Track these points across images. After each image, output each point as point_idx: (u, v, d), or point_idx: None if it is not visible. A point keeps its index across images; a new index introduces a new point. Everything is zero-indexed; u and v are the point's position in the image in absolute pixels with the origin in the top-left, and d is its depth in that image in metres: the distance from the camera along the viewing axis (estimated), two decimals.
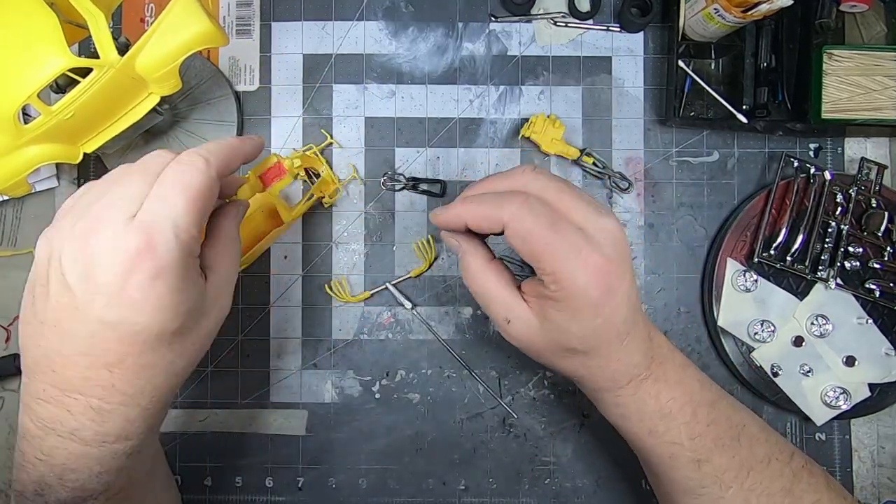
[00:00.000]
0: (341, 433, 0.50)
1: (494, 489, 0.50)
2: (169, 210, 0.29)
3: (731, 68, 0.51)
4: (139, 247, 0.28)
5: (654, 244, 0.51)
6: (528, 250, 0.33)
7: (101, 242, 0.28)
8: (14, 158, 0.39)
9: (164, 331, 0.30)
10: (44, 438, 0.31)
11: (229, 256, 0.36)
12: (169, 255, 0.29)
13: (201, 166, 0.31)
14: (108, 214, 0.29)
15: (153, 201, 0.29)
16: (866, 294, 0.48)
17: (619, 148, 0.51)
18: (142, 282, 0.28)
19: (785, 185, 0.49)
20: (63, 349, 0.30)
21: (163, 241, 0.28)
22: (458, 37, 0.52)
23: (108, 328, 0.29)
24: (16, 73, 0.36)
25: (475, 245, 0.37)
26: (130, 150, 0.50)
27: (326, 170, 0.50)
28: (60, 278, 0.29)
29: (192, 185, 0.30)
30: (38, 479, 0.32)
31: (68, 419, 0.31)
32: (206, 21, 0.39)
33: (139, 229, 0.28)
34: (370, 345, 0.51)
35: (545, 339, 0.36)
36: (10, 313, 0.51)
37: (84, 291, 0.28)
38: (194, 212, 0.30)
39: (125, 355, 0.30)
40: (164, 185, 0.30)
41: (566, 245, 0.32)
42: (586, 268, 0.32)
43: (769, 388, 0.49)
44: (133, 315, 0.29)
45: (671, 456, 0.38)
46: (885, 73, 0.47)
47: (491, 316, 0.37)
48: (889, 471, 0.50)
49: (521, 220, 0.32)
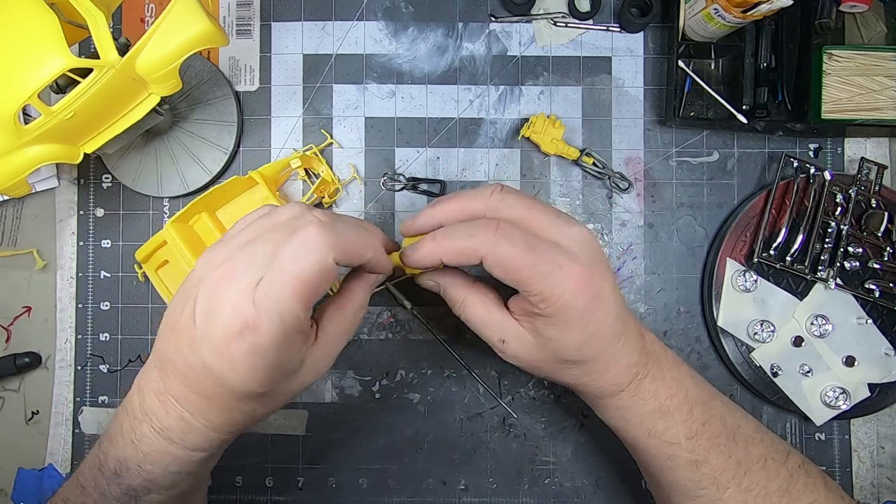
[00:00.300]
0: (341, 433, 0.50)
1: (494, 489, 0.50)
2: (274, 304, 0.30)
3: (731, 68, 0.51)
4: (247, 321, 0.29)
5: (654, 244, 0.51)
6: (510, 277, 0.34)
7: (227, 297, 0.30)
8: (14, 158, 0.39)
9: (251, 392, 0.32)
10: (140, 423, 0.34)
11: (348, 324, 0.36)
12: (270, 336, 0.30)
13: (324, 254, 0.31)
14: (240, 273, 0.30)
15: (266, 284, 0.30)
16: (866, 294, 0.48)
17: (618, 148, 0.51)
18: (242, 350, 0.30)
19: (785, 185, 0.49)
20: (177, 362, 0.32)
21: (268, 324, 0.30)
22: (458, 37, 0.52)
23: (207, 370, 0.31)
24: (16, 74, 0.36)
25: (453, 278, 0.39)
26: (131, 150, 0.50)
27: (326, 170, 0.50)
28: (191, 309, 0.31)
29: (305, 276, 0.30)
30: (122, 458, 0.34)
31: (164, 417, 0.33)
32: (206, 21, 0.39)
33: (253, 304, 0.30)
34: (370, 345, 0.51)
35: (542, 354, 0.37)
36: (10, 313, 0.51)
37: (201, 330, 0.31)
38: (302, 301, 0.30)
39: (215, 395, 0.32)
40: (282, 269, 0.30)
41: (547, 264, 0.33)
42: (570, 281, 0.33)
43: (769, 388, 0.49)
44: (228, 372, 0.31)
45: (670, 457, 0.38)
46: (885, 73, 0.47)
47: (486, 340, 0.38)
48: (889, 471, 0.50)
49: (498, 249, 0.33)
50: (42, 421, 0.51)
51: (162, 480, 0.35)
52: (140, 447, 0.34)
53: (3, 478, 0.51)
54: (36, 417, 0.51)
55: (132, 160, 0.50)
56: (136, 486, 0.34)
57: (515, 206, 0.35)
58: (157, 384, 0.34)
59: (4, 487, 0.51)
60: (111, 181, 0.51)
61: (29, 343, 0.51)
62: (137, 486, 0.34)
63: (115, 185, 0.51)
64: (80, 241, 0.51)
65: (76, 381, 0.51)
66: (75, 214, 0.51)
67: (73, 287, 0.51)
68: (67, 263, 0.51)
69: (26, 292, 0.51)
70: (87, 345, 0.51)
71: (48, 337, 0.51)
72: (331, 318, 0.36)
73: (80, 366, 0.51)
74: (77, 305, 0.51)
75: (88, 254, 0.51)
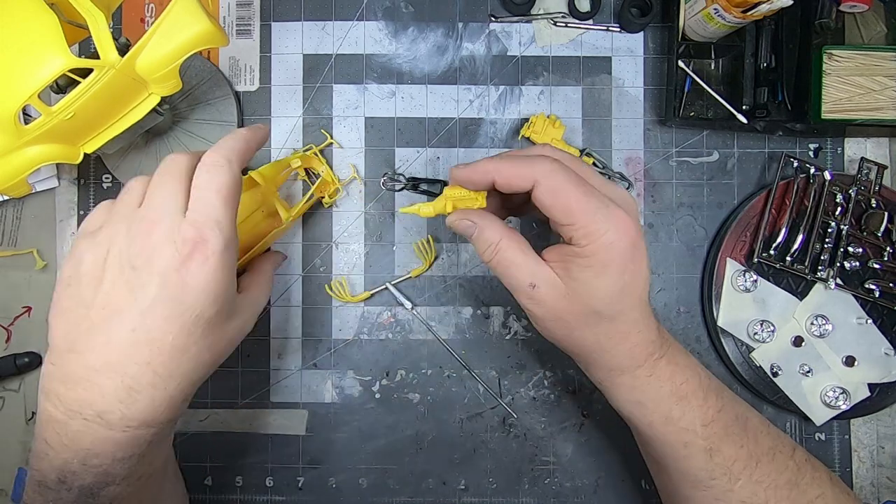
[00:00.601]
0: (341, 433, 0.50)
1: (494, 489, 0.50)
2: (210, 209, 0.34)
3: (731, 68, 0.51)
4: (195, 239, 0.33)
5: (654, 244, 0.51)
6: (559, 205, 0.34)
7: (160, 236, 0.33)
8: (14, 159, 0.39)
9: (202, 315, 0.34)
10: (68, 423, 0.33)
11: (260, 288, 0.42)
12: (216, 244, 0.33)
13: (226, 167, 0.35)
14: (159, 216, 0.34)
15: (196, 203, 0.34)
16: (866, 294, 0.48)
17: (618, 148, 0.51)
18: (193, 267, 0.33)
19: (785, 185, 0.49)
20: (109, 328, 0.33)
21: (210, 234, 0.33)
22: (458, 37, 0.52)
23: (158, 306, 0.33)
24: (16, 74, 0.36)
25: (490, 219, 0.38)
26: (131, 150, 0.50)
27: (326, 170, 0.50)
28: (119, 268, 0.34)
29: (223, 186, 0.35)
30: (60, 466, 0.34)
31: (97, 401, 0.33)
32: (206, 21, 0.39)
33: (191, 225, 0.33)
34: (370, 345, 0.51)
35: (571, 303, 0.36)
36: (10, 313, 0.51)
37: (142, 276, 0.33)
38: (229, 207, 0.35)
39: (167, 333, 0.33)
40: (201, 189, 0.35)
41: (595, 200, 0.34)
42: (615, 220, 0.34)
43: (769, 388, 0.49)
44: (182, 295, 0.33)
45: (686, 444, 0.38)
46: (885, 73, 0.47)
47: (514, 285, 0.37)
48: (888, 471, 0.50)
49: (554, 176, 0.34)
50: None
51: (113, 470, 0.34)
52: (78, 446, 0.33)
53: (3, 478, 0.51)
54: (36, 417, 0.51)
55: (132, 160, 0.50)
56: (87, 484, 0.34)
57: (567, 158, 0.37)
58: (79, 369, 0.33)
59: (4, 487, 0.51)
60: (111, 181, 0.51)
61: (29, 343, 0.51)
62: (90, 484, 0.34)
63: (116, 185, 0.51)
64: None
65: None
66: (75, 214, 0.51)
67: None
68: None
69: (26, 292, 0.51)
70: None
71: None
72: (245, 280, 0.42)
73: None
74: None
75: None
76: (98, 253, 0.35)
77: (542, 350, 0.51)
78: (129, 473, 0.35)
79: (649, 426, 0.39)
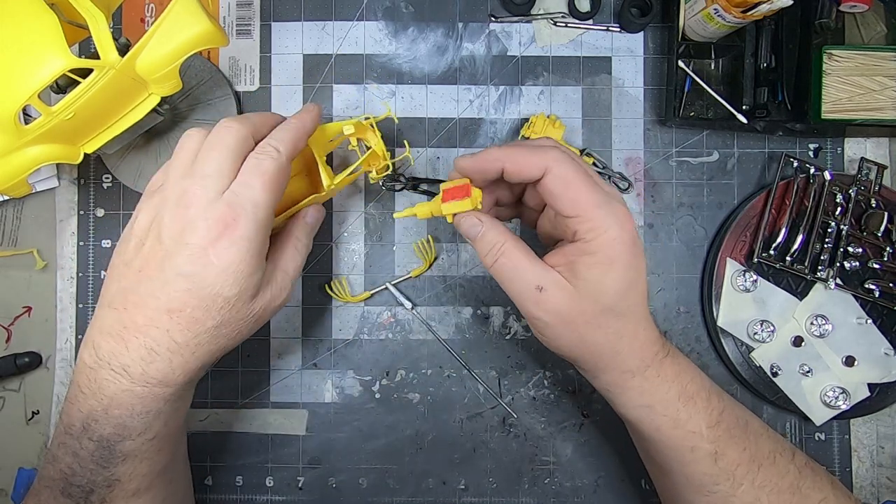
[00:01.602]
0: (341, 433, 0.50)
1: (494, 489, 0.50)
2: (250, 192, 0.35)
3: (731, 68, 0.51)
4: (226, 218, 0.34)
5: (654, 244, 0.51)
6: (569, 195, 0.35)
7: (196, 211, 0.34)
8: (15, 159, 0.39)
9: (221, 293, 0.35)
10: (98, 371, 0.36)
11: (292, 259, 0.41)
12: (247, 228, 0.35)
13: (275, 156, 0.37)
14: (201, 190, 0.35)
15: (238, 184, 0.35)
16: (866, 294, 0.48)
17: (618, 148, 0.51)
18: (220, 247, 0.34)
19: (785, 185, 0.49)
20: (140, 290, 0.35)
21: (244, 216, 0.35)
22: (458, 37, 0.52)
23: (181, 279, 0.34)
24: (16, 74, 0.36)
25: (494, 220, 0.38)
26: (131, 150, 0.50)
27: (379, 143, 0.45)
28: (157, 235, 0.35)
29: (268, 172, 0.36)
30: (87, 413, 0.36)
31: (123, 354, 0.35)
32: (206, 22, 0.39)
33: (227, 204, 0.34)
34: (370, 345, 0.51)
35: (581, 303, 0.35)
36: (10, 313, 0.51)
37: (173, 247, 0.35)
38: (270, 193, 0.36)
39: (186, 305, 0.35)
40: (245, 173, 0.36)
41: (601, 194, 0.35)
42: (619, 215, 0.35)
43: (769, 388, 0.49)
44: (204, 271, 0.34)
45: (692, 449, 0.38)
46: (885, 73, 0.47)
47: (519, 289, 0.36)
48: (888, 471, 0.50)
49: (565, 165, 0.35)
50: (42, 421, 0.51)
51: (131, 423, 0.36)
52: (103, 394, 0.35)
53: (3, 478, 0.51)
54: (36, 417, 0.51)
55: (132, 160, 0.50)
56: (106, 434, 0.36)
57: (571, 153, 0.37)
58: (114, 324, 0.36)
59: (4, 487, 0.51)
60: (111, 181, 0.51)
61: (29, 343, 0.51)
62: (108, 435, 0.36)
63: (115, 185, 0.51)
64: (81, 241, 0.51)
65: None
66: (75, 214, 0.51)
67: (73, 287, 0.51)
68: (68, 263, 0.51)
69: (26, 292, 0.51)
70: None
71: (48, 337, 0.51)
72: (276, 251, 0.41)
73: None
74: (77, 305, 0.51)
75: (88, 254, 0.51)
76: (149, 215, 0.37)
77: (542, 350, 0.50)
78: (145, 429, 0.37)
79: (657, 430, 0.38)
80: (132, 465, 0.37)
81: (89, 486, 0.36)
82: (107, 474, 0.36)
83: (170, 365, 0.36)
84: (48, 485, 0.37)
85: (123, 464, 0.37)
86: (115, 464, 0.36)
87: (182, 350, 0.35)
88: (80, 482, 0.36)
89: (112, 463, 0.36)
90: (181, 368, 0.36)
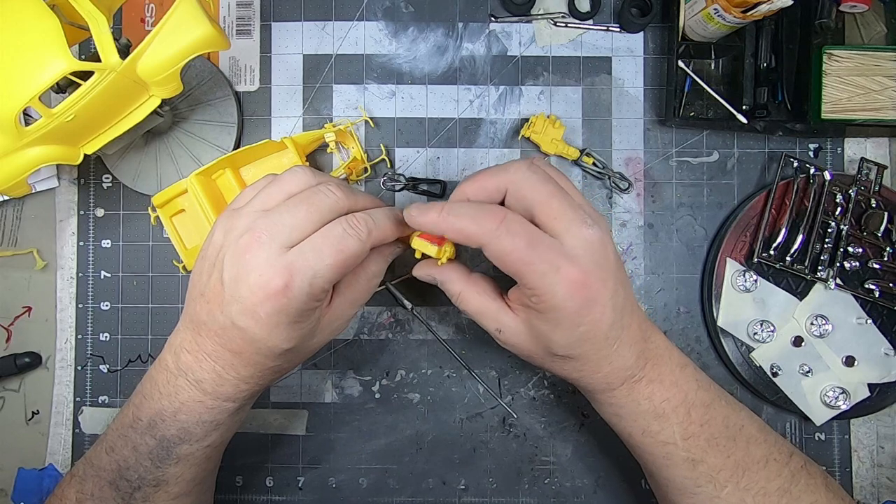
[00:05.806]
0: (341, 433, 0.51)
1: (494, 489, 0.50)
2: (316, 260, 0.33)
3: (731, 68, 0.51)
4: (278, 285, 0.32)
5: (653, 244, 0.51)
6: (507, 269, 0.34)
7: (253, 263, 0.33)
8: (15, 159, 0.40)
9: (277, 347, 0.35)
10: (176, 377, 0.37)
11: (362, 290, 0.40)
12: (298, 300, 0.33)
13: (363, 238, 0.35)
14: (267, 239, 0.33)
15: (308, 248, 0.33)
16: (866, 294, 0.48)
17: (618, 148, 0.51)
18: (269, 311, 0.33)
19: (785, 186, 0.49)
20: (209, 322, 0.36)
21: (298, 287, 0.33)
22: (458, 37, 0.52)
23: (237, 330, 0.34)
24: (17, 76, 0.36)
25: (449, 273, 0.40)
26: (130, 150, 0.50)
27: (357, 147, 0.49)
28: (220, 271, 0.35)
29: (345, 251, 0.34)
30: (157, 411, 0.37)
31: (198, 371, 0.37)
32: (207, 25, 0.39)
33: (285, 265, 0.33)
34: (370, 345, 0.51)
35: (535, 346, 0.38)
36: (10, 313, 0.51)
37: (230, 293, 0.34)
38: (336, 271, 0.34)
39: (244, 350, 0.35)
40: (324, 239, 0.34)
41: (544, 263, 0.33)
42: (564, 283, 0.33)
43: (769, 388, 0.49)
44: (256, 329, 0.34)
45: (665, 455, 0.38)
46: (884, 73, 0.47)
47: (484, 326, 0.39)
48: (888, 471, 0.50)
49: (499, 241, 0.34)
50: (42, 421, 0.51)
51: (195, 430, 0.37)
52: (177, 398, 0.37)
53: (3, 478, 0.51)
54: (36, 417, 0.51)
55: (132, 160, 0.50)
56: (169, 436, 0.37)
57: (538, 188, 0.35)
58: (191, 343, 0.37)
59: (4, 487, 0.51)
60: (111, 181, 0.51)
61: (29, 343, 0.51)
62: (171, 437, 0.37)
63: (115, 185, 0.51)
64: (80, 241, 0.51)
65: (76, 381, 0.51)
66: (75, 214, 0.51)
67: (73, 287, 0.51)
68: (67, 263, 0.51)
69: (26, 292, 0.51)
70: (88, 345, 0.51)
71: (48, 337, 0.51)
72: (347, 282, 0.39)
73: (80, 366, 0.51)
74: (77, 305, 0.51)
75: (88, 254, 0.51)
76: (220, 236, 0.36)
77: None
78: (205, 436, 0.38)
79: (629, 436, 0.40)
80: (181, 469, 0.38)
81: (138, 483, 0.37)
82: (158, 473, 0.38)
83: (237, 388, 0.37)
84: (97, 473, 0.38)
85: (175, 466, 0.38)
86: (169, 465, 0.38)
87: (248, 379, 0.37)
88: (132, 476, 0.37)
89: (166, 463, 0.37)
90: (248, 391, 0.38)
